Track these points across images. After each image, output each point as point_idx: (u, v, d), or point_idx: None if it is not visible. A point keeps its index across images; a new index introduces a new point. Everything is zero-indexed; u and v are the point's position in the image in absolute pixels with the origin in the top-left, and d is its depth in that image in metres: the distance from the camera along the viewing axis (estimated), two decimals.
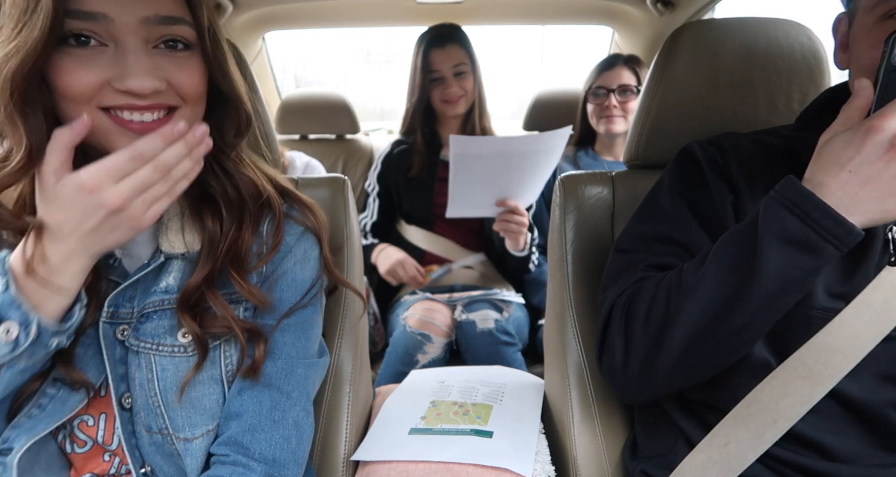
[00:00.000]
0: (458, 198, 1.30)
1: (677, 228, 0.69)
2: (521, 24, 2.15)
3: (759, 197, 0.66)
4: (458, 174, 1.24)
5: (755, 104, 0.83)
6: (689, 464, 0.66)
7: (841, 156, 0.50)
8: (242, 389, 0.63)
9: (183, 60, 0.56)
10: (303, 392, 0.66)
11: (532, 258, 1.48)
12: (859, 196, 0.50)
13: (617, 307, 0.67)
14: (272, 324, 0.65)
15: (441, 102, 1.52)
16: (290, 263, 0.67)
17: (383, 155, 1.62)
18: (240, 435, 0.60)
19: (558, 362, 0.88)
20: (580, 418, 0.82)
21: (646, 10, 1.68)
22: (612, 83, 1.60)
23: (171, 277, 0.63)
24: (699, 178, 0.70)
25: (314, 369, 0.69)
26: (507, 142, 1.20)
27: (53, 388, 0.60)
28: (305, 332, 0.68)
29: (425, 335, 1.33)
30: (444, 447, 0.79)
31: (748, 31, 0.82)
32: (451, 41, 1.50)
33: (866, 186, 0.50)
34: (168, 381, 0.61)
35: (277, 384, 0.63)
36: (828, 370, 0.59)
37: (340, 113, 1.92)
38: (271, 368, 0.64)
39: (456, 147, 1.19)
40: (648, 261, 0.68)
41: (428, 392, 0.95)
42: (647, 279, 0.66)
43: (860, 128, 0.49)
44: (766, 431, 0.61)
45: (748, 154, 0.70)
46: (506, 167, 1.23)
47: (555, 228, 0.92)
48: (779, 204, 0.54)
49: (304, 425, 0.65)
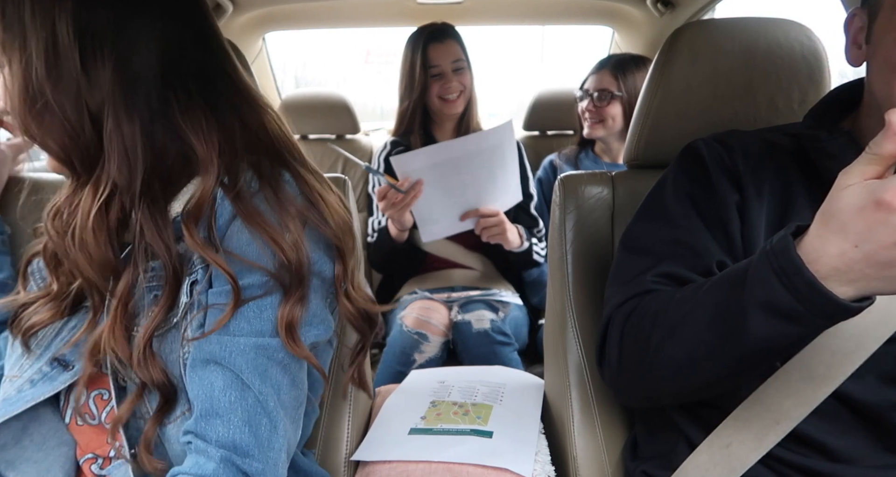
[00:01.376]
0: (425, 218, 1.28)
1: (683, 230, 0.67)
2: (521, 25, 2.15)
3: (766, 196, 0.66)
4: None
5: (755, 104, 0.83)
6: (691, 464, 0.66)
7: (848, 225, 0.43)
8: (192, 369, 0.56)
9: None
10: (260, 375, 0.55)
11: (536, 249, 1.48)
12: (861, 272, 0.44)
13: (616, 319, 0.66)
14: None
15: (440, 101, 1.51)
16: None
17: (382, 153, 1.61)
18: (196, 421, 0.54)
19: (558, 362, 0.88)
20: (580, 418, 0.82)
21: (646, 10, 1.68)
22: (592, 87, 1.59)
23: None
24: (704, 177, 0.69)
25: (274, 357, 0.56)
26: (446, 147, 1.18)
27: (49, 366, 0.60)
28: (263, 311, 0.56)
29: (422, 334, 1.33)
30: (443, 447, 0.79)
31: (748, 31, 0.82)
32: (449, 37, 1.50)
33: (870, 265, 0.43)
34: None
35: (227, 363, 0.54)
36: (831, 372, 0.59)
37: (340, 113, 1.92)
38: (217, 344, 0.55)
39: (400, 166, 1.18)
40: (656, 269, 0.65)
41: (428, 392, 0.95)
42: (647, 295, 0.64)
43: (877, 194, 0.41)
44: (769, 433, 0.61)
45: (755, 152, 0.69)
46: (456, 172, 1.21)
47: (555, 228, 0.92)
48: (769, 268, 0.48)
49: (273, 411, 0.55)
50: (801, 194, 0.66)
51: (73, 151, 0.56)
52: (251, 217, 0.56)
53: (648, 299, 0.63)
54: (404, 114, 1.57)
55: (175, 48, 0.58)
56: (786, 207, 0.66)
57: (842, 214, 0.44)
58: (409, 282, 1.57)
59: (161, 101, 0.57)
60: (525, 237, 1.43)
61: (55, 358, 0.61)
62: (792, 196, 0.66)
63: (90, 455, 0.62)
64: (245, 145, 0.60)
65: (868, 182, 0.43)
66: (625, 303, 0.66)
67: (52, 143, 0.55)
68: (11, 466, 0.60)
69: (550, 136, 2.01)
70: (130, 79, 0.55)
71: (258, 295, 0.56)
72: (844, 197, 0.44)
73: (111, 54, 0.54)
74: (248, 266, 0.56)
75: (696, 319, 0.55)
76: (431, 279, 1.55)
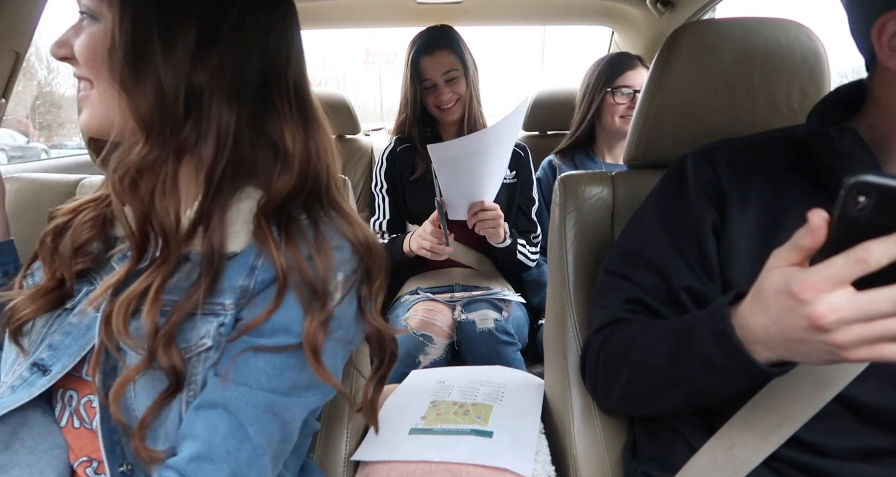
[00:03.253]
0: (451, 199, 1.32)
1: (654, 252, 0.72)
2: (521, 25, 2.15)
3: (752, 209, 0.68)
4: (443, 177, 1.27)
5: (755, 104, 0.83)
6: (693, 465, 0.66)
7: (768, 304, 0.48)
8: (198, 408, 0.56)
9: (84, 28, 0.57)
10: (262, 429, 0.55)
11: (523, 250, 1.48)
12: (778, 343, 0.49)
13: (593, 345, 0.74)
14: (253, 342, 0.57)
15: (437, 109, 1.53)
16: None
17: (387, 152, 1.60)
18: (189, 462, 0.53)
19: (558, 362, 0.88)
20: (580, 418, 0.82)
21: (646, 10, 1.68)
22: (637, 83, 1.58)
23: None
24: (684, 196, 0.71)
25: (281, 415, 0.57)
26: (481, 136, 1.20)
27: (29, 371, 0.60)
28: (284, 362, 0.57)
29: (427, 336, 1.33)
30: (444, 447, 0.79)
31: (748, 31, 0.82)
32: (440, 47, 1.48)
33: (785, 340, 0.48)
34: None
35: (236, 412, 0.55)
36: (836, 375, 0.59)
37: (340, 113, 1.92)
38: (232, 391, 0.55)
39: (436, 154, 1.21)
40: (627, 292, 0.72)
41: (428, 392, 0.95)
42: (618, 325, 0.71)
43: (793, 281, 0.45)
44: (772, 435, 0.61)
45: (743, 164, 0.70)
46: (485, 160, 1.24)
47: (555, 228, 0.92)
48: (708, 330, 0.56)
49: (264, 467, 0.55)
50: (792, 200, 0.66)
51: (158, 117, 0.55)
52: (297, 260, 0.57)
53: (618, 332, 0.70)
54: (402, 124, 1.58)
55: (282, 57, 0.61)
56: (776, 215, 0.66)
57: (765, 293, 0.49)
58: (409, 280, 1.57)
59: (262, 102, 0.59)
60: (509, 234, 1.43)
61: (35, 363, 0.60)
62: (782, 203, 0.67)
63: (84, 458, 0.62)
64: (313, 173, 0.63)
65: (788, 269, 0.47)
66: (601, 329, 0.73)
67: (142, 102, 0.55)
68: (3, 470, 0.59)
69: (550, 136, 2.01)
70: (238, 72, 0.57)
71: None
72: (770, 277, 0.49)
73: (226, 44, 0.56)
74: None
75: (652, 362, 0.64)
76: (432, 277, 1.55)
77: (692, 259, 0.69)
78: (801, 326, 0.45)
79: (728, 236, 0.68)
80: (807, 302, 0.44)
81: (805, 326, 0.45)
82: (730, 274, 0.67)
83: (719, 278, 0.67)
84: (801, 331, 0.46)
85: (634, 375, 0.67)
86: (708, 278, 0.68)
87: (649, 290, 0.71)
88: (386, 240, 1.53)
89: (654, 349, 0.64)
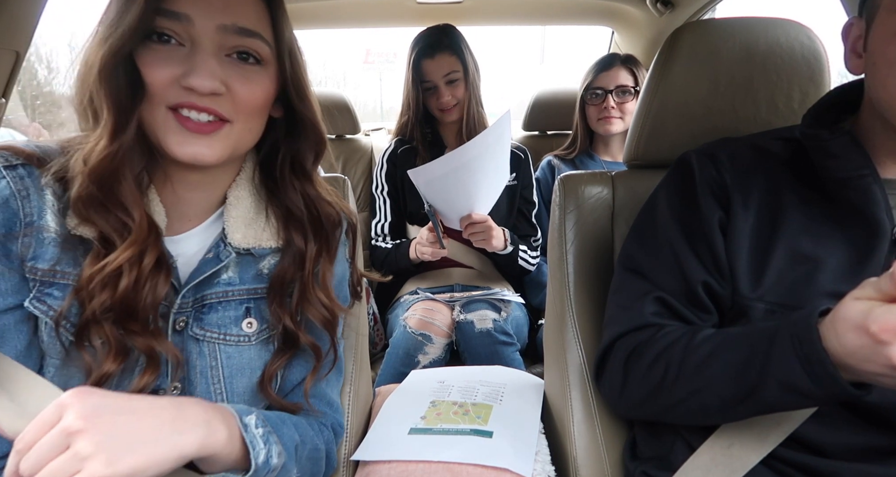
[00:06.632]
0: (441, 212, 1.34)
1: (671, 252, 0.71)
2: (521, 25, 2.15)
3: (754, 206, 0.68)
4: (430, 195, 1.28)
5: (755, 104, 0.83)
6: (693, 465, 0.66)
7: (847, 336, 0.48)
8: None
9: (250, 73, 0.59)
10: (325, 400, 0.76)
11: (524, 255, 1.48)
12: (857, 372, 0.49)
13: (619, 348, 0.71)
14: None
15: (437, 111, 1.53)
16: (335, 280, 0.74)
17: (387, 153, 1.60)
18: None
19: (558, 362, 0.88)
20: (580, 418, 0.82)
21: (646, 10, 1.68)
22: (609, 84, 1.60)
23: (231, 271, 0.66)
24: (692, 194, 0.71)
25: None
26: (458, 154, 1.18)
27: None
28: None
29: (426, 336, 1.33)
30: (443, 447, 0.79)
31: (748, 31, 0.82)
32: (441, 49, 1.47)
33: (863, 372, 0.49)
34: (233, 368, 0.65)
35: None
36: None
37: (340, 113, 1.92)
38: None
39: (418, 179, 1.23)
40: (651, 294, 0.70)
41: (428, 392, 0.95)
42: (647, 332, 0.69)
43: (873, 321, 0.45)
44: (770, 433, 0.62)
45: (744, 162, 0.70)
46: (468, 174, 1.23)
47: (554, 228, 0.92)
48: (794, 353, 0.53)
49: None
50: (791, 200, 0.67)
51: (257, 135, 0.65)
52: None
53: (651, 340, 0.67)
54: (404, 126, 1.58)
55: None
56: (775, 214, 0.67)
57: (842, 325, 0.49)
58: (409, 280, 1.57)
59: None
60: (510, 241, 1.43)
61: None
62: (782, 202, 0.67)
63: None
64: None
65: (870, 304, 0.47)
66: (626, 334, 0.71)
67: (254, 125, 0.63)
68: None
69: (550, 136, 2.01)
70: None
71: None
72: (851, 307, 0.48)
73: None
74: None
75: (713, 377, 0.60)
76: (431, 278, 1.56)
77: (705, 257, 0.68)
78: (881, 363, 0.46)
79: (732, 234, 0.68)
80: (886, 344, 0.45)
81: (885, 364, 0.46)
82: (735, 272, 0.67)
83: (730, 276, 0.67)
84: (881, 367, 0.46)
85: (686, 391, 0.63)
86: (720, 276, 0.68)
87: (670, 290, 0.70)
88: (389, 244, 1.54)
89: (714, 362, 0.61)
